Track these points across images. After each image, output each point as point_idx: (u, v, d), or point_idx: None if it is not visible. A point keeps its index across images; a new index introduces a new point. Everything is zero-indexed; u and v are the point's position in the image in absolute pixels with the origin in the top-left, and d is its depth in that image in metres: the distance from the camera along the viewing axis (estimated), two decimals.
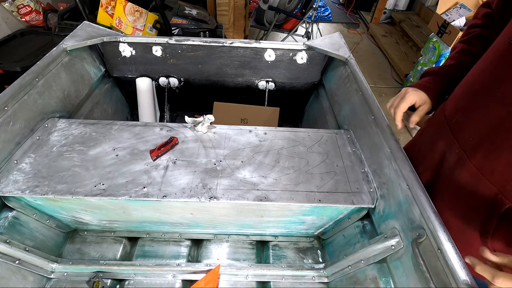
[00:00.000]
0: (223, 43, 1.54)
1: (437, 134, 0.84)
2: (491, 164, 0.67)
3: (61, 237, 1.17)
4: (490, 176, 0.67)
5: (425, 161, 0.89)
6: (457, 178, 0.75)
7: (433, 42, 2.57)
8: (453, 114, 0.78)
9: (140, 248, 1.20)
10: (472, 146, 0.70)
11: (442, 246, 0.68)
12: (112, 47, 1.57)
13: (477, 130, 0.69)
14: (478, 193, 0.71)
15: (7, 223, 0.98)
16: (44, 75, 1.21)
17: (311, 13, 3.29)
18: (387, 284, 0.88)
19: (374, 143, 1.05)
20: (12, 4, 2.29)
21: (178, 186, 0.97)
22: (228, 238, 1.25)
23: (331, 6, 5.37)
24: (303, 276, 1.10)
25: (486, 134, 0.67)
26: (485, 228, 0.71)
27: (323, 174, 1.04)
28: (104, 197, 0.92)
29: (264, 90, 1.76)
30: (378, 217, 0.96)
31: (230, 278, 1.10)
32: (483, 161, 0.68)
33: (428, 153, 0.88)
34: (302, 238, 1.26)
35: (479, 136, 0.68)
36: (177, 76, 1.72)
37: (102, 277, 1.06)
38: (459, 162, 0.74)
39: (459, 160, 0.74)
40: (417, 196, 0.79)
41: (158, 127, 1.19)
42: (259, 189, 0.98)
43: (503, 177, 0.65)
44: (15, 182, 0.95)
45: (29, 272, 1.01)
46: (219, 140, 1.15)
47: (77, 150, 1.07)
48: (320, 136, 1.21)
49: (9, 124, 1.02)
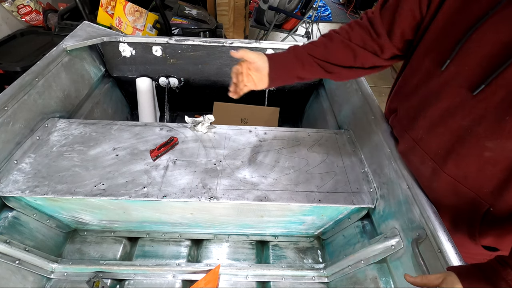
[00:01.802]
0: (223, 43, 1.54)
1: (408, 149, 0.85)
2: (463, 171, 0.69)
3: (61, 237, 1.17)
4: (465, 182, 0.69)
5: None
6: (436, 189, 0.77)
7: None
8: (416, 132, 0.79)
9: (140, 248, 1.20)
10: (442, 158, 0.72)
11: (442, 246, 0.68)
12: (112, 47, 1.57)
13: (442, 142, 0.71)
14: (459, 200, 0.73)
15: (7, 223, 0.98)
16: (44, 75, 1.21)
17: (311, 13, 3.28)
18: (387, 284, 0.88)
19: (374, 143, 1.05)
20: (12, 4, 2.29)
21: (178, 186, 0.97)
22: (228, 238, 1.25)
23: (331, 6, 5.36)
24: (303, 276, 1.10)
25: (451, 146, 0.69)
26: (472, 231, 0.73)
27: (323, 174, 1.04)
28: (104, 197, 0.92)
29: (264, 90, 1.76)
30: (378, 217, 0.97)
31: (230, 278, 1.10)
32: (455, 169, 0.70)
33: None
34: (302, 238, 1.26)
35: (446, 149, 0.71)
36: (177, 76, 1.72)
37: (102, 277, 1.06)
38: (434, 174, 0.76)
39: (434, 171, 0.75)
40: (417, 196, 0.79)
41: (158, 127, 1.19)
42: (259, 189, 0.98)
43: (477, 181, 0.67)
44: (15, 182, 0.95)
45: (29, 272, 1.01)
46: (219, 140, 1.15)
47: (77, 150, 1.07)
48: (320, 136, 1.21)
49: (9, 124, 1.02)
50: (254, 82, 0.84)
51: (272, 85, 0.85)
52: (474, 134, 0.64)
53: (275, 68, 0.82)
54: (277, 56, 0.83)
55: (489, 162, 0.64)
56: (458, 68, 0.64)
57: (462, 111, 0.65)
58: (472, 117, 0.63)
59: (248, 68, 0.82)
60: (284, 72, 0.84)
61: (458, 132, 0.67)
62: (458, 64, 0.64)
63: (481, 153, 0.64)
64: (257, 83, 0.84)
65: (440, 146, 0.72)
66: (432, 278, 0.59)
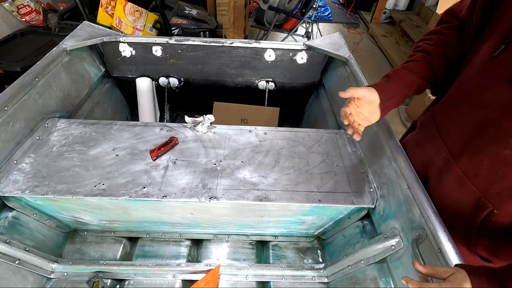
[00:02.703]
0: (223, 43, 1.54)
1: (427, 138, 0.85)
2: (475, 168, 0.69)
3: (61, 237, 1.17)
4: (475, 179, 0.69)
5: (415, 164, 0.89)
6: (444, 182, 0.77)
7: None
8: (441, 119, 0.80)
9: (140, 248, 1.20)
10: (458, 150, 0.72)
11: (442, 246, 0.68)
12: (112, 47, 1.57)
13: (462, 134, 0.71)
14: (463, 198, 0.73)
15: (7, 223, 0.98)
16: (44, 75, 1.21)
17: (311, 13, 3.29)
18: (387, 284, 0.88)
19: (374, 143, 1.05)
20: (12, 4, 2.29)
21: (178, 186, 0.97)
22: (228, 238, 1.25)
23: (331, 6, 5.36)
24: (303, 276, 1.10)
25: (471, 138, 0.69)
26: (468, 233, 0.73)
27: (323, 174, 1.04)
28: (104, 197, 0.92)
29: (264, 90, 1.76)
30: (378, 217, 0.96)
31: (230, 278, 1.10)
32: (468, 164, 0.70)
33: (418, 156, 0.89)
34: (302, 238, 1.26)
35: (464, 141, 0.71)
36: (177, 76, 1.72)
37: (102, 277, 1.06)
38: (446, 165, 0.76)
39: (446, 163, 0.76)
40: (417, 196, 0.79)
41: (158, 127, 1.19)
42: (259, 189, 0.98)
43: (486, 181, 0.67)
44: (15, 182, 0.95)
45: (29, 272, 1.01)
46: (219, 140, 1.15)
47: (77, 150, 1.07)
48: (320, 136, 1.21)
49: (9, 124, 1.02)
50: (366, 117, 0.83)
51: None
52: (500, 129, 0.63)
53: (386, 99, 0.81)
54: (385, 86, 0.82)
55: (504, 162, 0.64)
56: (508, 57, 0.63)
57: (497, 103, 0.64)
58: (506, 110, 0.62)
59: (356, 106, 0.81)
60: (395, 101, 0.83)
61: (483, 125, 0.66)
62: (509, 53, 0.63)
63: (500, 151, 0.64)
64: (370, 117, 0.83)
65: (459, 137, 0.72)
66: (441, 271, 0.58)
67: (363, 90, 0.78)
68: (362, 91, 0.78)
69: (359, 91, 0.78)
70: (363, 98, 0.79)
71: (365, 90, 0.79)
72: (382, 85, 0.82)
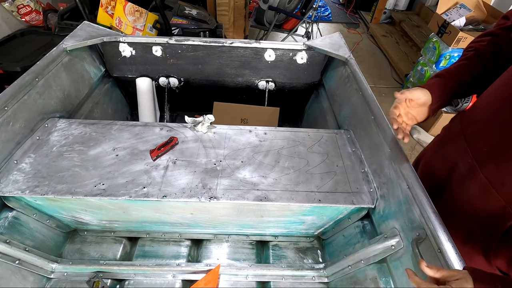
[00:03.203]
0: (223, 43, 1.54)
1: (452, 142, 0.84)
2: (502, 176, 0.67)
3: (61, 237, 1.17)
4: (500, 189, 0.67)
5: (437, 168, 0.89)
6: (466, 188, 0.75)
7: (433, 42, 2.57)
8: (469, 124, 0.79)
9: (140, 248, 1.20)
10: (484, 157, 0.70)
11: (442, 246, 0.68)
12: (112, 47, 1.57)
13: (491, 141, 0.70)
14: (485, 206, 0.71)
15: (7, 223, 0.98)
16: (44, 75, 1.21)
17: (311, 13, 3.28)
18: (387, 284, 0.88)
19: (374, 143, 1.05)
20: (12, 4, 2.29)
21: (178, 186, 0.97)
22: (228, 238, 1.25)
23: (331, 6, 5.36)
24: (303, 276, 1.10)
25: (499, 145, 0.67)
26: (488, 243, 0.71)
27: (323, 174, 1.04)
28: (104, 197, 0.92)
29: (264, 90, 1.76)
30: (378, 217, 0.96)
31: (230, 278, 1.10)
32: (494, 172, 0.68)
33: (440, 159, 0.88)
34: (302, 238, 1.26)
35: (492, 148, 0.69)
36: (177, 76, 1.72)
37: (102, 277, 1.06)
38: (470, 172, 0.74)
39: (471, 170, 0.74)
40: (417, 196, 0.79)
41: (158, 127, 1.19)
42: (259, 189, 0.98)
43: None
44: (15, 182, 0.95)
45: (29, 272, 1.01)
46: (219, 140, 1.15)
47: (77, 150, 1.07)
48: (320, 136, 1.21)
49: (9, 124, 1.02)
50: (414, 117, 0.84)
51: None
52: None
53: (437, 100, 0.82)
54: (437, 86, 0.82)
55: None
56: None
57: None
58: None
59: (406, 106, 0.82)
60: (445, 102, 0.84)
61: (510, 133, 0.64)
62: None
63: None
64: (417, 116, 0.84)
65: (487, 144, 0.70)
66: (446, 274, 0.56)
67: (418, 92, 0.79)
68: (417, 93, 0.79)
69: (415, 93, 0.79)
70: (417, 100, 0.80)
71: (420, 92, 0.79)
72: (434, 86, 0.82)
